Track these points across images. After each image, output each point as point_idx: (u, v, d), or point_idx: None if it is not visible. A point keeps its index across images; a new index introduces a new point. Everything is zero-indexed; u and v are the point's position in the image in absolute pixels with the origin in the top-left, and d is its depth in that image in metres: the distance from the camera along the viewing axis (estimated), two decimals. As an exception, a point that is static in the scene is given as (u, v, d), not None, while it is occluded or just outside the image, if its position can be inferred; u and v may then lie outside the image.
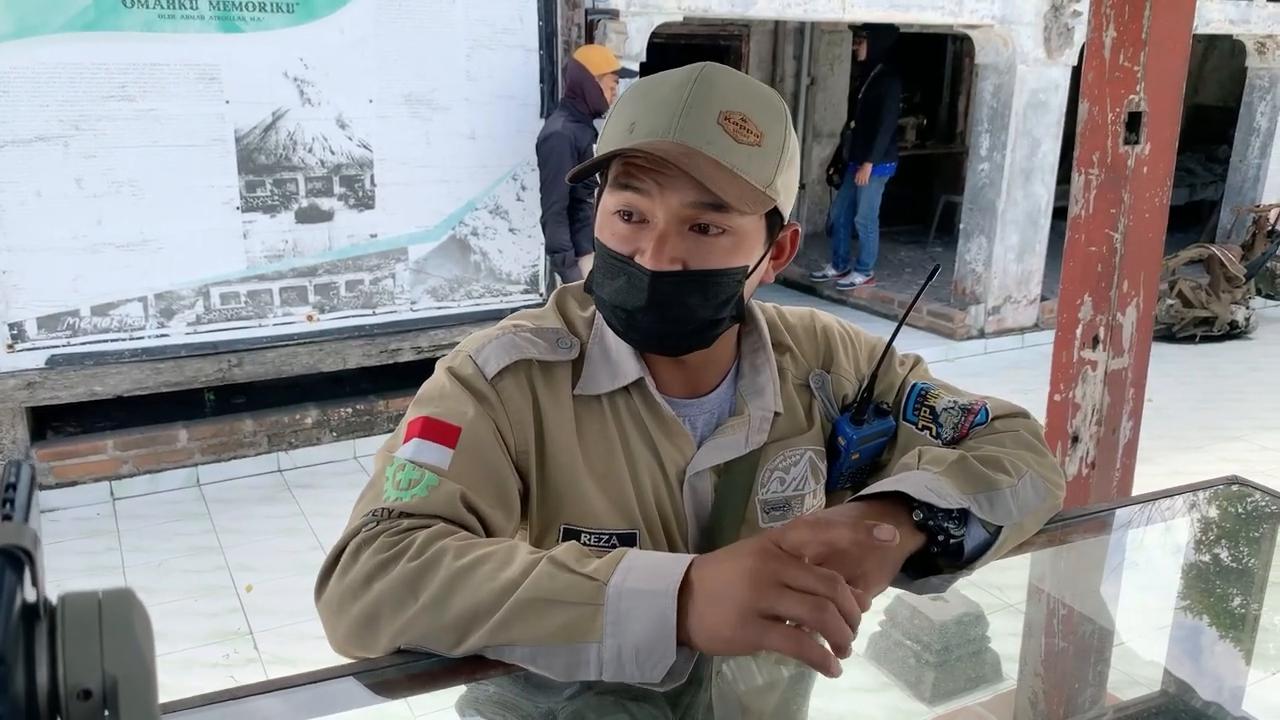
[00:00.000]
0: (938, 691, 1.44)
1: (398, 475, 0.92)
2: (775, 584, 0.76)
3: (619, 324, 0.99)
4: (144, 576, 3.47)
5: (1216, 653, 1.36)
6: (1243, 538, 1.44)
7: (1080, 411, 2.07)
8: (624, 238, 0.95)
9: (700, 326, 0.97)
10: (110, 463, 4.16)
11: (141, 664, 0.36)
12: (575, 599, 0.79)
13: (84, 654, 0.35)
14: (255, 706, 0.82)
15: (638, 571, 0.80)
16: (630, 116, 0.94)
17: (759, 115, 0.93)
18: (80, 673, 0.35)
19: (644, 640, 0.77)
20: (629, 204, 0.94)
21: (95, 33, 3.76)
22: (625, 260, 0.94)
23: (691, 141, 0.90)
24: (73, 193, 3.87)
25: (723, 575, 0.79)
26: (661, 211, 0.92)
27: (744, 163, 0.91)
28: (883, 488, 0.96)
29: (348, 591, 0.85)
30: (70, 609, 0.36)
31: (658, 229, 0.93)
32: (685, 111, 0.90)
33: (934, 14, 5.81)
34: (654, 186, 0.91)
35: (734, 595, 0.77)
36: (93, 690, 0.35)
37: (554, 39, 4.62)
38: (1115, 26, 1.89)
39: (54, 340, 3.97)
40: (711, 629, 0.77)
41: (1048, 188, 6.40)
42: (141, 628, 0.37)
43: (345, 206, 4.39)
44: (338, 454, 4.55)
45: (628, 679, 0.78)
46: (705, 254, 0.94)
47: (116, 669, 0.35)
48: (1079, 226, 2.05)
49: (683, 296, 0.94)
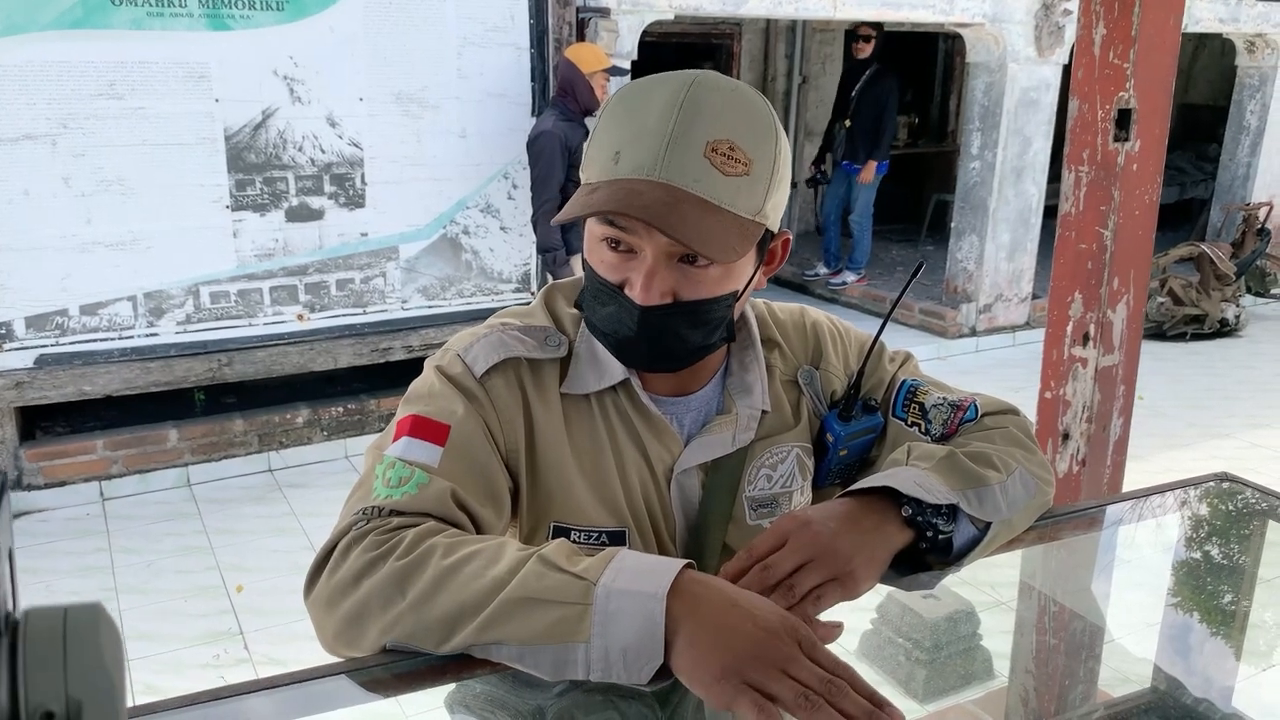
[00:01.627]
0: (929, 689, 1.44)
1: (388, 473, 0.92)
2: (776, 666, 0.75)
3: (611, 347, 0.99)
4: (134, 577, 3.45)
5: (1207, 649, 1.36)
6: (1233, 534, 1.44)
7: (1071, 409, 2.07)
8: (612, 266, 0.94)
9: (692, 352, 0.98)
10: (100, 463, 4.14)
11: (108, 685, 0.34)
12: (563, 598, 0.79)
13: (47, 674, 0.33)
14: (245, 706, 0.82)
15: (628, 572, 0.80)
16: (615, 143, 0.91)
17: (747, 139, 0.90)
18: (42, 694, 0.33)
19: (632, 641, 0.77)
20: (615, 236, 0.93)
21: (83, 30, 3.74)
22: (615, 290, 0.94)
23: (677, 180, 0.87)
24: (61, 191, 3.85)
25: (725, 618, 0.77)
26: (649, 248, 0.91)
27: (731, 196, 0.89)
28: (871, 483, 0.96)
29: (337, 589, 0.85)
30: (33, 626, 0.34)
31: (646, 263, 0.92)
32: (671, 146, 0.88)
33: (925, 12, 5.82)
34: (641, 227, 0.90)
35: (730, 648, 0.75)
36: (55, 713, 0.33)
37: (545, 37, 4.61)
38: (1105, 24, 1.89)
39: (42, 340, 3.95)
40: (691, 666, 0.76)
41: (1039, 186, 6.42)
42: (109, 646, 0.35)
43: (336, 205, 4.38)
44: (329, 453, 4.53)
45: (615, 679, 0.78)
46: (695, 285, 0.93)
47: (81, 691, 0.33)
48: (1069, 224, 2.06)
49: (674, 327, 0.94)
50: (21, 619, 0.35)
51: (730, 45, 8.37)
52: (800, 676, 0.74)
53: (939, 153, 9.47)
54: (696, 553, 1.06)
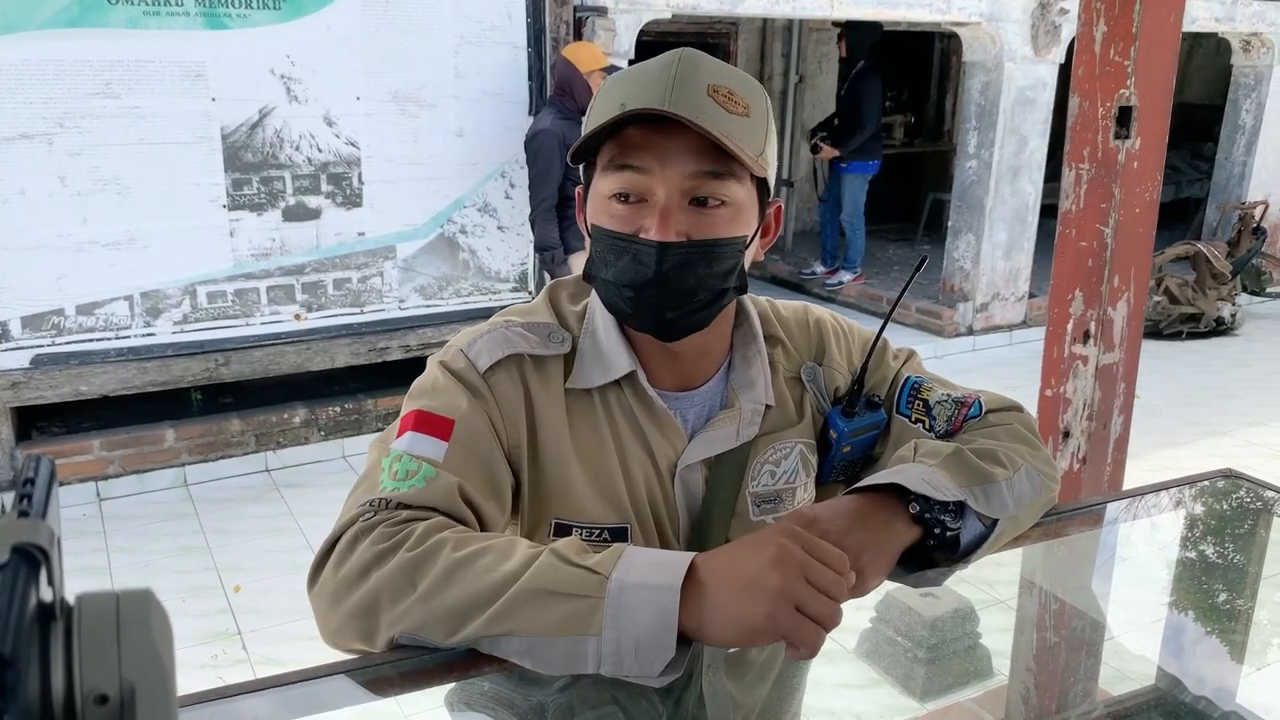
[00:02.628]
0: (929, 687, 1.44)
1: (394, 466, 0.92)
2: (800, 576, 0.78)
3: (624, 304, 0.98)
4: (131, 578, 3.44)
5: (1209, 647, 1.36)
6: (1235, 532, 1.44)
7: (1071, 406, 2.07)
8: (624, 218, 0.95)
9: (707, 298, 0.98)
10: (96, 463, 4.13)
11: (159, 669, 0.34)
12: (576, 591, 0.79)
13: (101, 658, 0.34)
14: (244, 706, 0.81)
15: (640, 566, 0.80)
16: (618, 97, 0.93)
17: (742, 89, 0.95)
18: (96, 678, 0.33)
19: (644, 634, 0.77)
20: (628, 185, 0.94)
21: (79, 29, 3.73)
22: (629, 238, 0.95)
23: (685, 111, 0.90)
24: (57, 191, 3.84)
25: (745, 566, 0.80)
26: (662, 187, 0.93)
27: (736, 132, 0.92)
28: (879, 480, 0.95)
29: (344, 582, 0.85)
30: (87, 610, 0.35)
31: (658, 205, 0.93)
32: (676, 85, 0.91)
33: (922, 11, 5.82)
34: (654, 163, 0.92)
35: (764, 584, 0.78)
36: (109, 696, 0.33)
37: (542, 36, 4.61)
38: (1105, 21, 1.89)
39: (39, 340, 3.94)
40: (737, 619, 0.78)
41: (1035, 185, 6.42)
42: (160, 631, 0.35)
43: (333, 204, 4.37)
44: (326, 453, 4.52)
45: (625, 673, 0.78)
46: (707, 225, 0.95)
47: (134, 674, 0.34)
48: (1070, 221, 2.06)
49: (691, 266, 0.95)
50: (75, 604, 0.35)
51: (727, 44, 8.37)
52: (819, 581, 0.79)
53: (935, 152, 9.48)
54: (699, 549, 1.05)
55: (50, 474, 0.38)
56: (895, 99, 9.00)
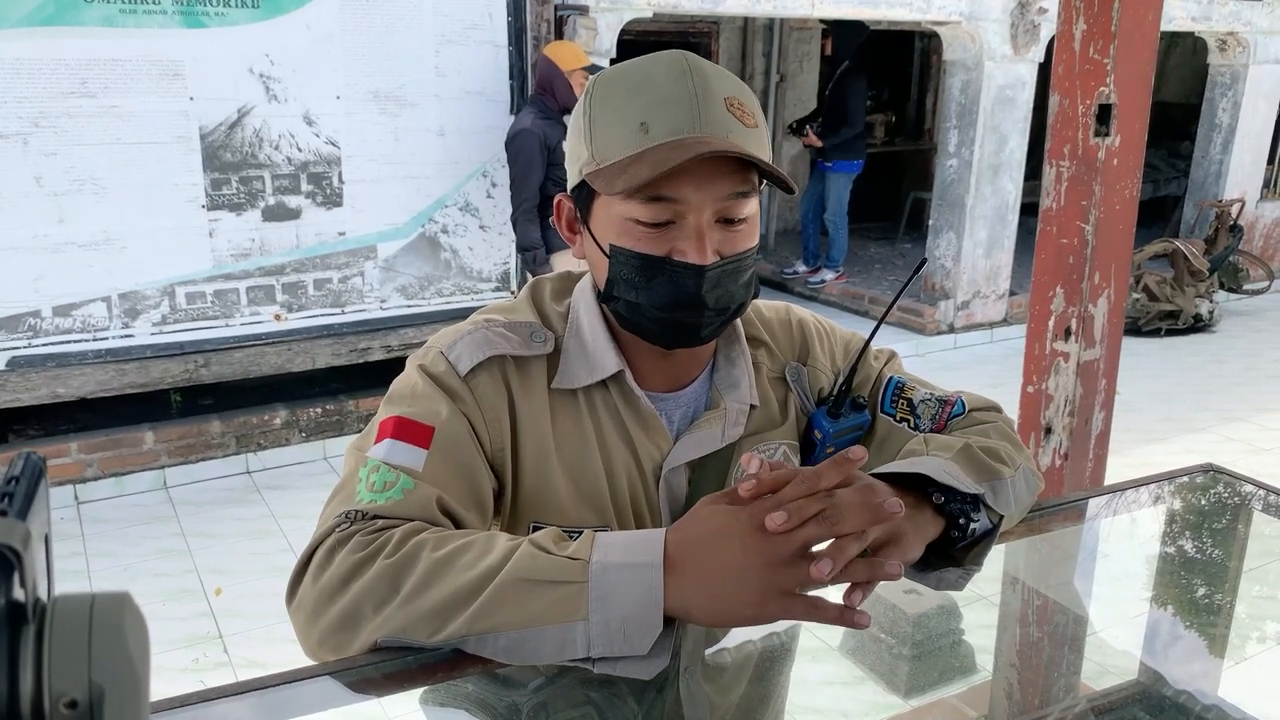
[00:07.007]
0: (913, 684, 1.44)
1: (371, 477, 0.90)
2: (785, 562, 0.77)
3: (654, 325, 0.97)
4: (110, 581, 3.41)
5: (1191, 641, 1.37)
6: (1217, 526, 1.45)
7: (1053, 403, 2.08)
8: (652, 241, 0.93)
9: (735, 311, 0.99)
10: (74, 466, 4.09)
11: (131, 674, 0.34)
12: (559, 578, 0.79)
13: (71, 662, 0.33)
14: (226, 709, 0.81)
15: (617, 548, 0.81)
16: (635, 117, 0.91)
17: (746, 98, 0.94)
18: (66, 681, 0.33)
19: (631, 613, 0.77)
20: (661, 216, 0.92)
21: (55, 28, 3.69)
22: (663, 260, 0.93)
23: (716, 133, 0.89)
24: (33, 191, 3.79)
25: (723, 557, 0.79)
26: (695, 213, 0.92)
27: (754, 146, 0.92)
28: (900, 469, 0.93)
29: (323, 594, 0.83)
30: (60, 613, 0.34)
31: (691, 227, 0.92)
32: (700, 104, 0.90)
33: (902, 10, 5.84)
34: (690, 191, 0.90)
35: (749, 578, 0.78)
36: (78, 701, 0.33)
37: (523, 35, 4.59)
38: (1085, 19, 1.90)
39: (14, 341, 3.90)
40: (728, 610, 0.79)
41: (1015, 183, 6.46)
42: (135, 635, 0.35)
43: (313, 204, 4.34)
44: (307, 455, 4.50)
45: (615, 653, 0.77)
46: (735, 241, 0.95)
47: (104, 679, 0.33)
48: (1050, 219, 2.07)
49: (724, 283, 0.95)
50: (49, 606, 0.35)
51: (708, 43, 8.37)
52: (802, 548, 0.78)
53: (916, 150, 9.52)
54: None
55: (37, 472, 0.38)
56: (876, 98, 9.02)
